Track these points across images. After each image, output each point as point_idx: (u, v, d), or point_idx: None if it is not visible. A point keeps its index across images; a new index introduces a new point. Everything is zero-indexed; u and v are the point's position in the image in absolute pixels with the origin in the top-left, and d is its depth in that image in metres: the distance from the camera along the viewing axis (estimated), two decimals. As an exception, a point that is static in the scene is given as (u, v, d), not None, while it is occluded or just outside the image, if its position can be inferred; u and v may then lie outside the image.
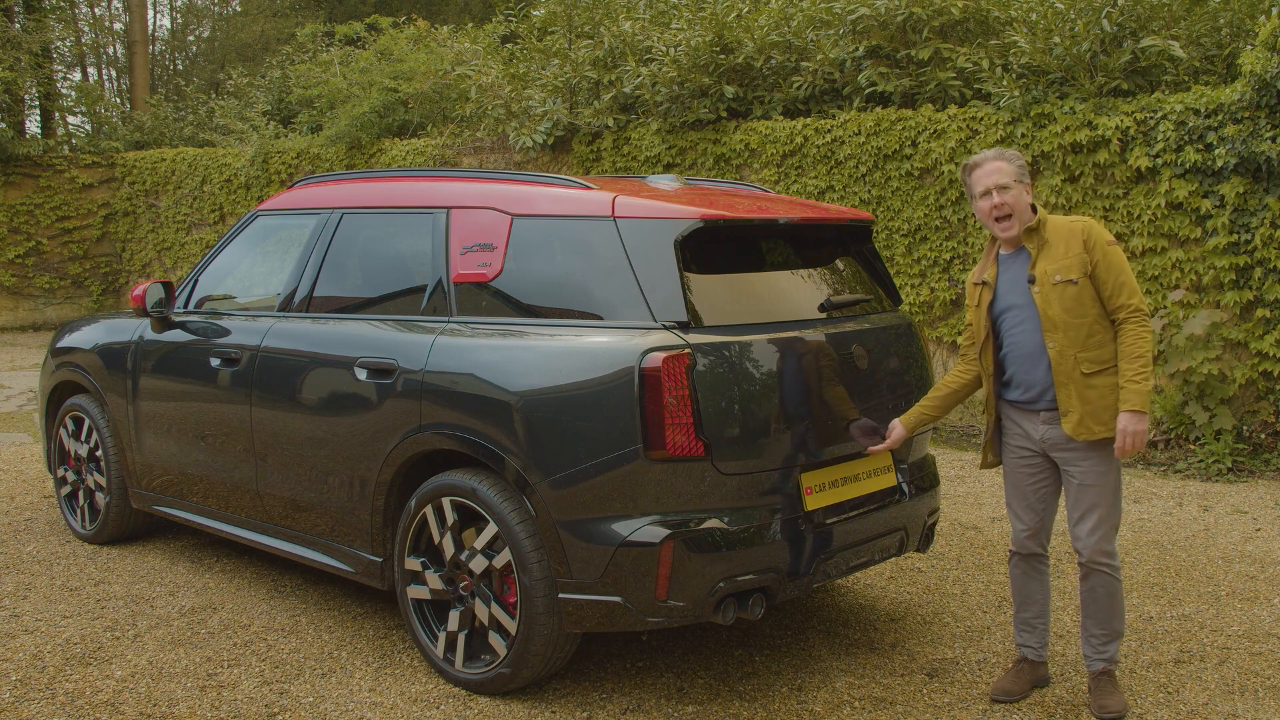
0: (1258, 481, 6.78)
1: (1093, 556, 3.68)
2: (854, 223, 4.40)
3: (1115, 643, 3.75)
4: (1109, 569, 3.68)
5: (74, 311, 15.47)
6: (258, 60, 19.98)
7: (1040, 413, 3.71)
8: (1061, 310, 3.58)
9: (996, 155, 3.71)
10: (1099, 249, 3.57)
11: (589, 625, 3.64)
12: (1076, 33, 7.44)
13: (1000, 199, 3.64)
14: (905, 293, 8.46)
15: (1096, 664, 3.75)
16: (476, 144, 11.47)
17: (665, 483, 3.51)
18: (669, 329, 3.57)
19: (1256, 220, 6.83)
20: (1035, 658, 3.90)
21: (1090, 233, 3.59)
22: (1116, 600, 3.71)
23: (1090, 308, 3.58)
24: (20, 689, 3.97)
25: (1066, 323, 3.58)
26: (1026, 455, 3.80)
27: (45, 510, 6.35)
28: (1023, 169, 3.69)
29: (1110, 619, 3.72)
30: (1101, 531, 3.67)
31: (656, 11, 10.60)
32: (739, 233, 4.01)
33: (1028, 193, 3.69)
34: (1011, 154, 3.72)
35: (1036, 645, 3.89)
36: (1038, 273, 3.63)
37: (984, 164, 3.70)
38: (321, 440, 4.35)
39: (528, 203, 4.02)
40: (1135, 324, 3.56)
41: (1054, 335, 3.60)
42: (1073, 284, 3.57)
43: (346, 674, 4.08)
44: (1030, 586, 3.89)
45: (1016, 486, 3.87)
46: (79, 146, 16.73)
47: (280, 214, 5.13)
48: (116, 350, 5.44)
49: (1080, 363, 3.58)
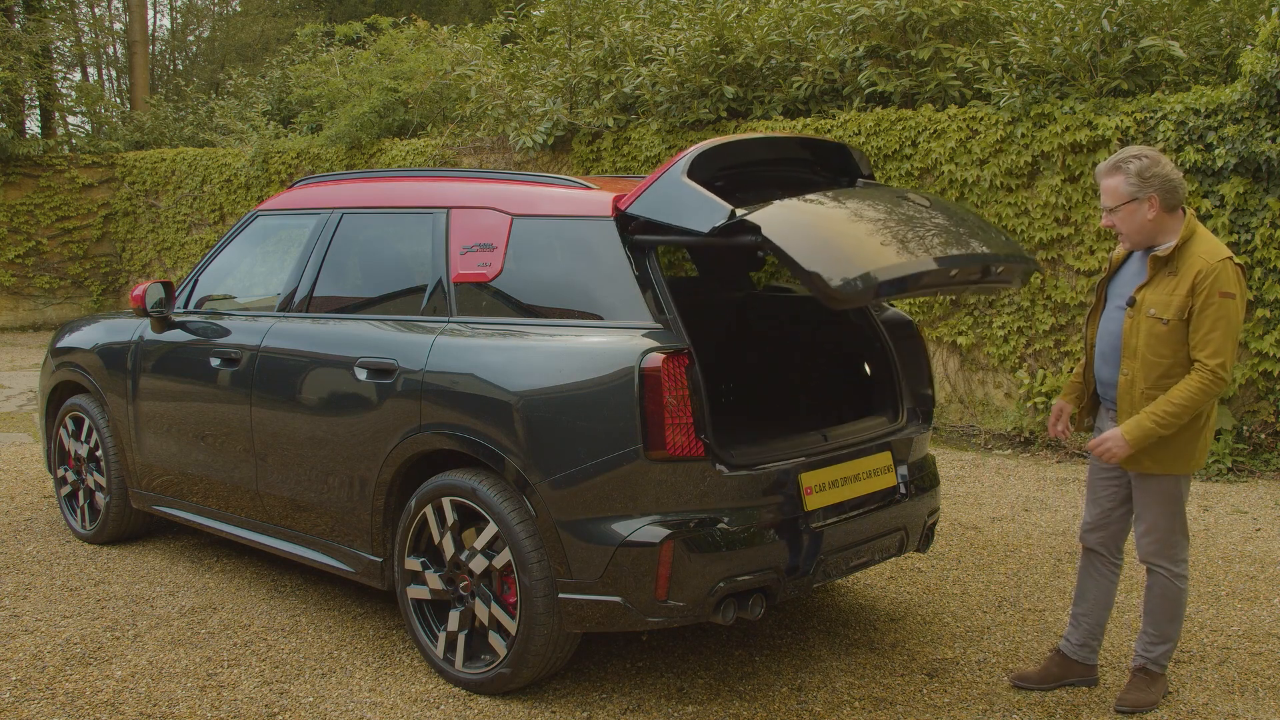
0: (1258, 481, 6.78)
1: (1146, 558, 3.69)
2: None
3: (1163, 645, 3.74)
4: (1165, 572, 3.67)
5: (74, 311, 15.46)
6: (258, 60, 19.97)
7: (1111, 410, 3.70)
8: (1145, 345, 3.50)
9: (1109, 171, 3.52)
10: (1204, 296, 3.40)
11: (589, 625, 3.64)
12: (1076, 33, 7.44)
13: (1109, 220, 3.56)
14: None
15: (1139, 659, 3.78)
16: (476, 144, 11.47)
17: (665, 483, 3.51)
18: (669, 329, 3.57)
19: (1256, 220, 6.83)
20: (1071, 654, 3.89)
21: (1205, 277, 3.40)
22: (1171, 604, 3.69)
23: (1176, 350, 3.46)
24: (20, 689, 3.97)
25: (1146, 357, 3.50)
26: None
27: (45, 510, 6.35)
28: (1142, 175, 3.45)
29: (1161, 621, 3.72)
30: (1154, 536, 3.66)
31: (656, 11, 10.60)
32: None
33: (1152, 207, 3.47)
34: (1130, 162, 3.48)
35: (1075, 642, 3.89)
36: (1140, 297, 3.53)
37: (1100, 179, 3.56)
38: (321, 440, 4.35)
39: (528, 203, 4.02)
40: (1199, 378, 3.42)
41: (1130, 363, 3.54)
42: (1163, 324, 3.46)
43: (346, 674, 4.08)
44: (1086, 582, 3.88)
45: (1091, 477, 3.85)
46: (79, 146, 16.73)
47: (280, 214, 5.13)
48: (116, 350, 5.44)
49: (1146, 397, 3.51)
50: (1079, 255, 7.56)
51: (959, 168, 8.02)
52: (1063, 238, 7.65)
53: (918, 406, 4.43)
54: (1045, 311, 7.78)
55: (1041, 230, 7.67)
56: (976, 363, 8.29)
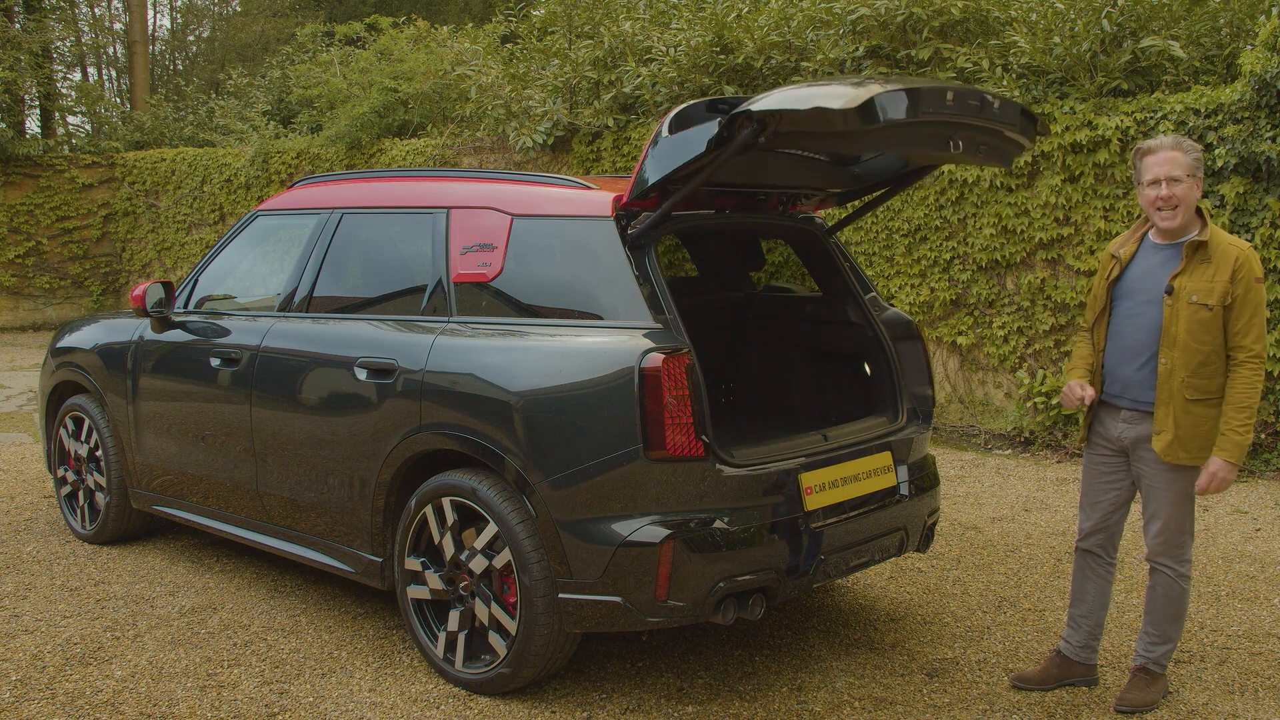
0: (1258, 481, 6.78)
1: (1154, 556, 3.70)
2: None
3: (1164, 646, 3.75)
4: (1171, 572, 3.69)
5: (74, 311, 15.46)
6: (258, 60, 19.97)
7: (1121, 410, 3.69)
8: (1186, 332, 3.50)
9: (1174, 145, 3.53)
10: (1244, 283, 3.46)
11: (589, 625, 3.64)
12: (1076, 33, 7.44)
13: (1170, 191, 3.50)
14: (905, 293, 8.46)
15: (1139, 659, 3.79)
16: (476, 144, 11.47)
17: (665, 483, 3.51)
18: (669, 329, 3.57)
19: (1256, 220, 6.82)
20: (1071, 655, 3.91)
21: (1244, 264, 3.47)
22: (1174, 605, 3.71)
23: (1215, 337, 3.49)
24: (20, 689, 3.97)
25: (1187, 344, 3.50)
26: (1106, 454, 3.78)
27: (45, 510, 6.35)
28: (1198, 162, 3.53)
29: (1163, 621, 3.73)
30: (1165, 536, 3.66)
31: (656, 11, 10.60)
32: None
33: (1198, 188, 3.54)
34: (1190, 145, 3.54)
35: (1076, 644, 3.91)
36: (1178, 285, 3.52)
37: (1159, 151, 3.54)
38: (321, 440, 4.35)
39: (528, 203, 4.02)
40: (1250, 370, 3.48)
41: (1170, 352, 3.53)
42: (1207, 309, 3.48)
43: (346, 674, 4.08)
44: (1084, 584, 3.89)
45: (1089, 482, 3.84)
46: (79, 146, 16.74)
47: (280, 214, 5.13)
48: (116, 350, 5.44)
49: (1186, 386, 3.52)
50: (1079, 255, 7.56)
51: (959, 168, 8.02)
52: (1063, 238, 7.65)
53: (918, 406, 4.43)
54: (1045, 311, 7.78)
55: (1041, 230, 7.67)
56: (976, 363, 8.29)
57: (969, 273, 8.12)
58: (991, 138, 3.75)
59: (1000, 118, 3.68)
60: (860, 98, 3.17)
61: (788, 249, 8.09)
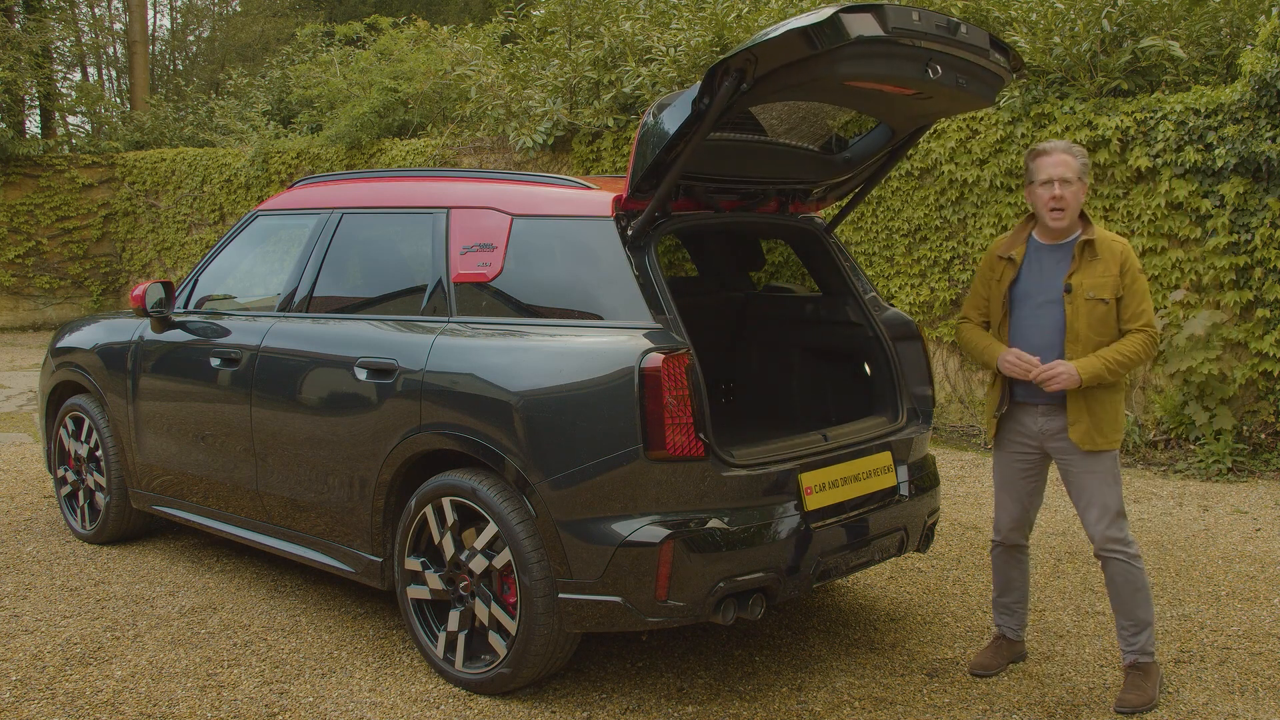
0: (1258, 481, 6.78)
1: (1104, 545, 3.77)
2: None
3: (1144, 633, 3.78)
4: (1123, 555, 3.75)
5: (74, 311, 15.47)
6: (258, 60, 19.98)
7: (1039, 405, 3.82)
8: (1088, 326, 3.69)
9: (1066, 149, 3.74)
10: (1131, 274, 3.70)
11: (589, 625, 3.64)
12: (1076, 33, 7.44)
13: (1061, 192, 3.69)
14: (905, 293, 8.47)
15: (1127, 656, 3.82)
16: (476, 144, 11.47)
17: (665, 483, 3.51)
18: (669, 329, 3.57)
19: (1256, 220, 6.82)
20: (1014, 637, 4.12)
21: (1128, 258, 3.71)
22: (1138, 588, 3.76)
23: (1112, 327, 3.72)
24: (20, 689, 3.97)
25: (1089, 338, 3.69)
26: (1023, 451, 3.91)
27: (45, 510, 6.35)
28: (1085, 167, 3.74)
29: (1133, 608, 3.77)
30: (1108, 520, 3.76)
31: (656, 11, 10.59)
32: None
33: (1084, 192, 3.75)
34: (1079, 150, 3.76)
35: (1015, 626, 4.11)
36: (1074, 283, 3.71)
37: (1052, 153, 3.73)
38: (321, 440, 4.35)
39: (528, 203, 4.02)
40: (1145, 336, 3.71)
41: (1075, 346, 3.71)
42: (1104, 303, 3.69)
43: (346, 674, 4.08)
44: (1011, 573, 4.08)
45: (1007, 479, 3.98)
46: (79, 146, 16.75)
47: (280, 214, 5.13)
48: (116, 350, 5.44)
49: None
50: (1079, 255, 7.55)
51: (959, 168, 8.02)
52: (1063, 238, 7.64)
53: (918, 406, 4.43)
54: (1045, 311, 7.77)
55: (1041, 230, 7.66)
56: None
57: (969, 273, 8.12)
58: (969, 66, 3.73)
59: (970, 41, 3.67)
60: (827, 13, 3.24)
61: (788, 249, 8.09)
